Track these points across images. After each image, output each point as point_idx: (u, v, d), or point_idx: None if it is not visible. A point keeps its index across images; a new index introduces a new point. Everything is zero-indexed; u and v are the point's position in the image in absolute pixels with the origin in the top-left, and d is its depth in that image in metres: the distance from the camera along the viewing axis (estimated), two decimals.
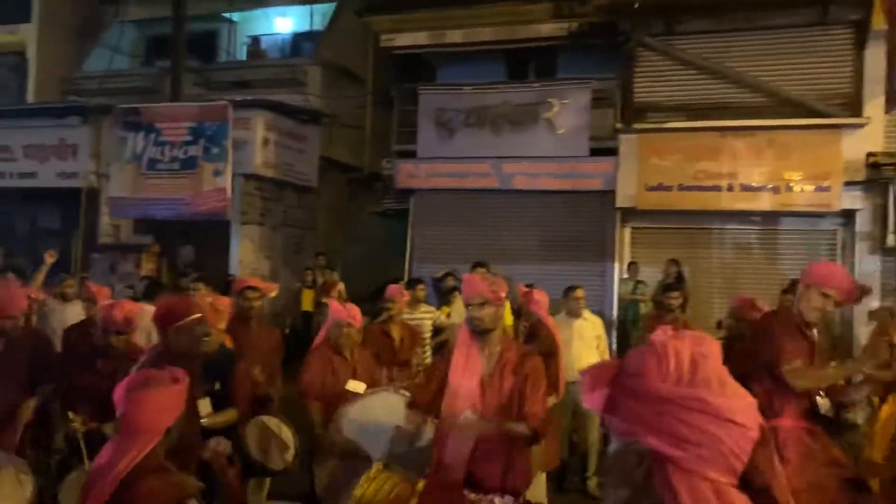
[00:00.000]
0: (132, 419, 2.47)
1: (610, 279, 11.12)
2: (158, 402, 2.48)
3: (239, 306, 5.46)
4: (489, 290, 3.37)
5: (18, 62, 16.58)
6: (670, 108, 11.13)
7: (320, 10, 14.82)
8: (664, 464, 1.19)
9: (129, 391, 2.49)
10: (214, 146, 11.73)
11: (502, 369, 3.35)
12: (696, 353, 1.22)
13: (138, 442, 2.44)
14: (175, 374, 2.57)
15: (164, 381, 2.52)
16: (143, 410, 2.46)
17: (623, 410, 1.21)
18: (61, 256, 13.85)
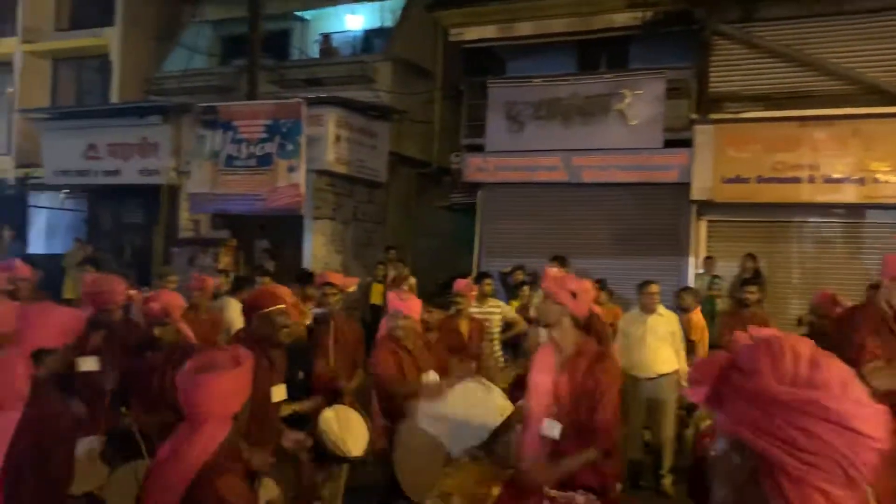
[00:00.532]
0: (196, 406, 2.27)
1: (685, 274, 10.86)
2: (222, 387, 2.28)
3: (318, 301, 5.56)
4: (553, 287, 3.39)
5: (102, 64, 17.33)
6: (748, 98, 10.80)
7: (390, 6, 14.95)
8: (773, 470, 1.11)
9: (189, 376, 2.30)
10: (289, 143, 11.99)
11: (573, 367, 3.32)
12: (817, 352, 1.14)
13: (206, 431, 2.25)
14: (237, 354, 2.39)
15: (225, 363, 2.34)
16: (206, 396, 2.26)
17: (730, 408, 1.14)
18: (143, 250, 14.54)
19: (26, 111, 16.45)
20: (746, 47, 10.80)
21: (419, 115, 14.57)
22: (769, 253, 10.76)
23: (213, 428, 2.27)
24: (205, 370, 2.30)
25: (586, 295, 3.42)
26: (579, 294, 3.36)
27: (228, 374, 2.31)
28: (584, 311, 3.41)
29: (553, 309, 3.37)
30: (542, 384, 3.36)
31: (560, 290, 3.35)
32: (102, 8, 16.81)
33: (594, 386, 3.26)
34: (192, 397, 2.28)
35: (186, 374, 2.31)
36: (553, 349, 3.41)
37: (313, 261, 12.66)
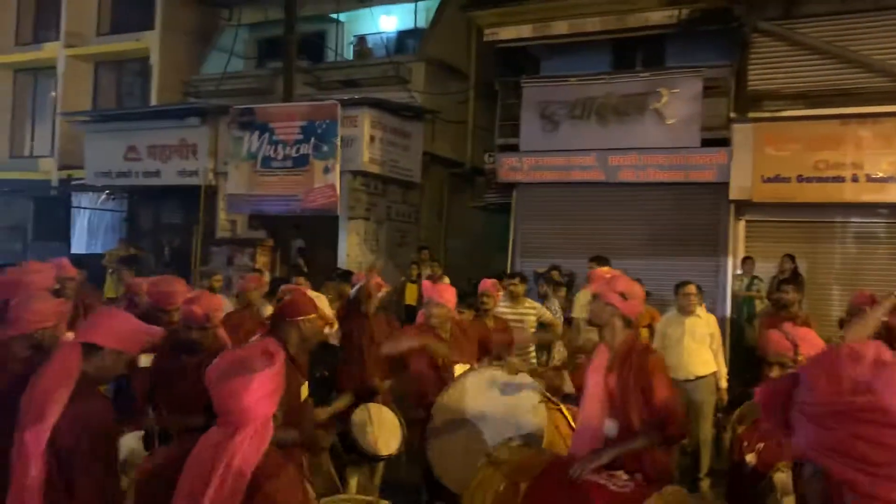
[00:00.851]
0: (232, 411, 2.14)
1: (723, 275, 10.70)
2: (258, 389, 2.16)
3: (353, 298, 5.60)
4: (602, 288, 3.48)
5: (142, 67, 17.68)
6: (788, 96, 10.61)
7: (424, 6, 15.00)
8: (841, 489, 1.03)
9: (222, 379, 2.17)
10: (324, 144, 12.10)
11: (622, 366, 3.41)
12: (882, 354, 1.05)
13: (247, 436, 2.13)
14: (268, 349, 2.26)
15: (258, 362, 2.20)
16: (243, 400, 2.13)
17: (799, 431, 1.07)
18: (182, 250, 14.78)
19: (69, 114, 16.84)
20: (787, 44, 10.62)
21: (453, 116, 14.59)
22: (810, 253, 10.56)
23: (254, 432, 2.15)
24: (238, 372, 2.17)
25: (636, 296, 3.50)
26: (629, 295, 3.44)
27: (263, 374, 2.18)
28: (635, 312, 3.50)
29: (604, 310, 3.46)
30: (595, 384, 3.46)
31: (610, 292, 3.43)
32: (142, 12, 17.16)
33: (643, 377, 3.35)
34: (228, 401, 2.14)
35: (219, 377, 2.19)
36: (605, 349, 3.51)
37: (347, 260, 12.75)
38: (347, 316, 5.80)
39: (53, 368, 2.76)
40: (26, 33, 19.43)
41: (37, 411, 2.66)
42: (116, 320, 2.96)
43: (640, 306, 3.57)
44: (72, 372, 2.75)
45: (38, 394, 2.70)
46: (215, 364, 2.24)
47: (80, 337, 2.85)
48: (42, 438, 2.63)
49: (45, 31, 19.06)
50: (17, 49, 19.23)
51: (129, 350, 2.96)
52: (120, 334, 2.90)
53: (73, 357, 2.77)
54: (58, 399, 2.68)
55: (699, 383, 6.54)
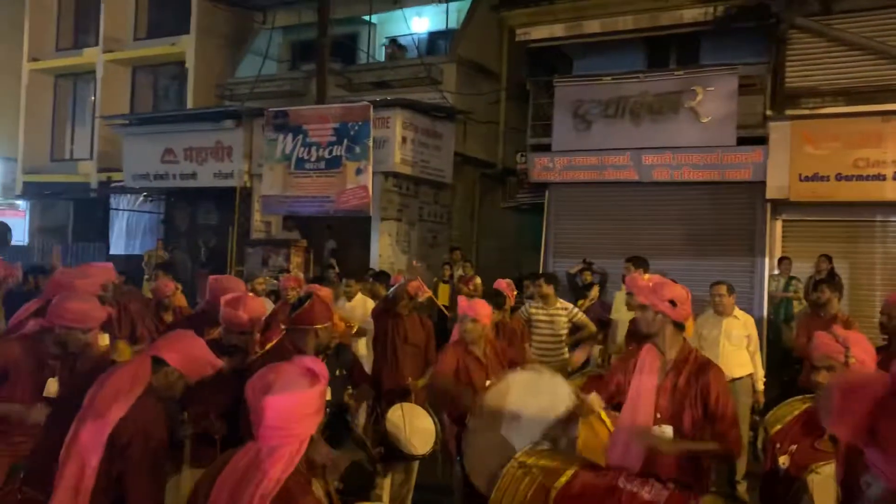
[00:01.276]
0: (271, 428, 2.12)
1: (759, 275, 10.54)
2: (301, 408, 2.14)
3: (394, 299, 5.63)
4: (650, 296, 3.44)
5: (178, 71, 17.97)
6: (827, 93, 10.41)
7: (455, 7, 15.02)
8: None
9: (263, 395, 2.13)
10: (357, 145, 12.17)
11: (677, 374, 3.39)
12: None
13: (284, 456, 2.11)
14: (312, 369, 2.24)
15: (302, 381, 2.18)
16: (283, 418, 2.12)
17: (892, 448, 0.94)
18: (218, 251, 14.99)
19: (107, 118, 17.18)
20: (825, 40, 10.43)
21: (484, 116, 14.59)
22: (850, 254, 10.36)
23: (291, 451, 2.12)
24: (284, 389, 2.14)
25: (685, 300, 3.46)
26: (678, 300, 3.41)
27: (308, 394, 2.16)
28: (685, 316, 3.46)
29: (655, 318, 3.43)
30: (646, 389, 3.41)
31: (658, 300, 3.41)
32: (178, 17, 17.43)
33: (705, 392, 3.32)
34: (269, 418, 2.11)
35: (261, 391, 2.14)
36: (656, 354, 3.46)
37: (380, 261, 12.82)
38: (382, 316, 5.83)
39: (125, 371, 2.87)
40: (66, 39, 19.87)
41: (101, 408, 2.76)
42: (188, 344, 3.03)
43: (689, 309, 3.53)
44: (141, 379, 2.86)
45: (105, 392, 2.80)
46: (257, 377, 2.21)
47: (153, 350, 2.96)
48: (102, 434, 2.73)
49: (84, 36, 19.48)
50: (58, 55, 19.68)
51: (190, 375, 3.00)
52: (187, 358, 2.97)
53: (144, 366, 2.89)
54: (123, 400, 2.78)
55: (735, 385, 6.44)
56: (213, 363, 3.05)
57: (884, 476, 0.97)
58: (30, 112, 19.65)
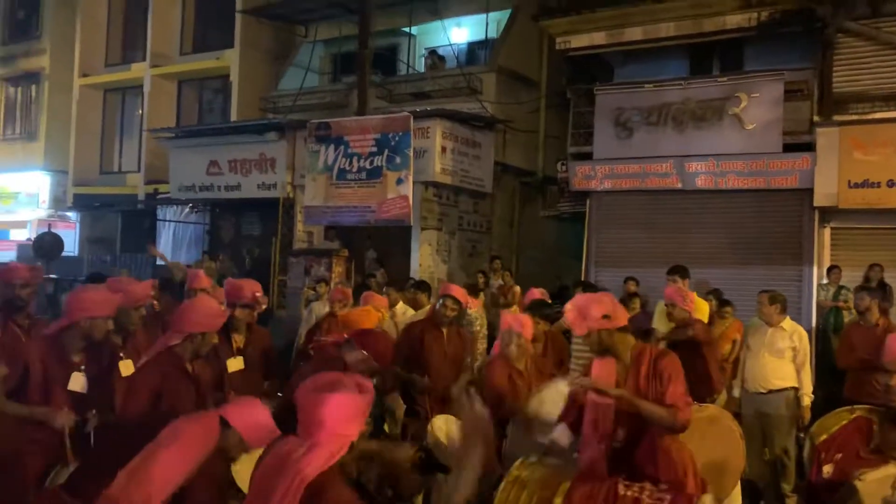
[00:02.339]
0: (317, 423, 2.26)
1: (808, 284, 10.32)
2: (346, 407, 2.29)
3: (436, 310, 5.64)
4: (578, 324, 3.58)
5: (223, 84, 18.34)
6: (877, 98, 10.19)
7: (495, 17, 15.05)
8: None
9: (316, 392, 2.29)
10: (397, 155, 12.27)
11: (636, 374, 3.50)
12: None
13: (324, 451, 2.24)
14: (360, 381, 2.40)
15: (350, 385, 2.33)
16: (329, 415, 2.25)
17: None
18: (261, 261, 15.22)
19: (154, 131, 17.60)
20: (874, 44, 10.22)
21: (523, 125, 14.59)
22: None
23: (331, 450, 2.24)
24: (335, 390, 2.28)
25: (612, 305, 3.60)
26: (609, 312, 3.54)
27: (357, 398, 2.30)
28: (623, 319, 3.60)
29: (600, 337, 3.57)
30: (603, 402, 3.54)
31: (593, 323, 3.55)
32: (222, 32, 17.82)
33: (660, 376, 3.45)
34: (320, 414, 2.24)
35: (315, 391, 2.28)
36: (612, 364, 3.58)
37: (420, 270, 12.88)
38: (423, 327, 5.84)
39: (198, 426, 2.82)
40: (115, 55, 20.43)
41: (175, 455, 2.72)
42: (254, 411, 2.94)
43: (624, 310, 3.66)
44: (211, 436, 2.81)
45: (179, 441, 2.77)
46: (311, 380, 2.36)
47: (221, 411, 2.90)
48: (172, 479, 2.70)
49: (131, 52, 20.01)
50: (107, 70, 20.24)
51: (252, 443, 2.92)
52: (251, 425, 2.89)
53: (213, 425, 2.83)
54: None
55: (774, 396, 6.29)
56: (275, 432, 2.94)
57: None
58: (80, 126, 20.23)
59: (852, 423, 4.82)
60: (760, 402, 6.32)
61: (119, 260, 18.31)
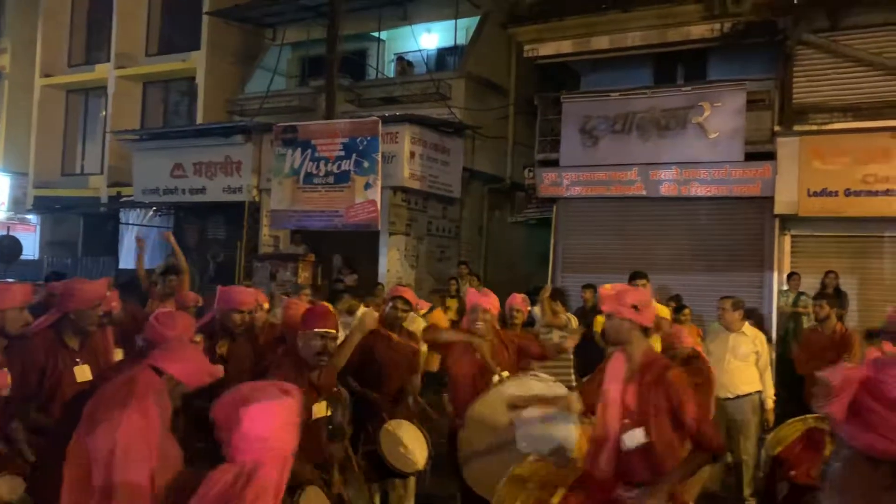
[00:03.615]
0: (249, 442, 2.01)
1: (768, 291, 10.53)
2: (275, 417, 2.06)
3: (387, 313, 5.61)
4: (614, 305, 3.46)
5: (189, 87, 18.13)
6: (835, 109, 10.44)
7: (464, 24, 15.12)
8: None
9: (238, 407, 2.04)
10: (365, 160, 12.23)
11: (642, 377, 3.41)
12: None
13: (265, 477, 1.99)
14: (283, 387, 2.17)
15: (276, 392, 2.10)
16: (262, 431, 2.02)
17: (878, 424, 1.17)
18: (226, 265, 15.05)
19: (118, 133, 17.33)
20: (833, 56, 10.47)
21: (492, 131, 14.66)
22: (858, 269, 10.34)
23: (270, 472, 1.98)
24: (254, 401, 2.04)
25: (648, 304, 3.51)
26: (640, 306, 3.44)
27: (282, 403, 2.07)
28: (650, 320, 3.51)
29: (622, 325, 3.46)
30: (612, 395, 3.47)
31: (622, 307, 3.44)
32: (189, 34, 17.61)
33: (669, 394, 3.33)
34: (239, 431, 1.99)
35: (236, 405, 2.04)
36: (623, 359, 3.51)
37: (388, 276, 12.84)
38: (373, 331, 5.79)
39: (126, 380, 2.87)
40: (78, 55, 20.08)
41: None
42: (186, 354, 3.01)
43: (653, 313, 3.58)
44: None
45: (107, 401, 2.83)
46: (229, 394, 2.14)
47: (151, 360, 2.93)
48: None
49: (96, 52, 19.68)
50: (70, 70, 19.89)
51: (189, 384, 2.94)
52: (186, 367, 2.94)
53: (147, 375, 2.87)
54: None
55: (742, 401, 6.41)
56: (211, 372, 3.04)
57: (857, 443, 1.19)
58: (41, 127, 19.84)
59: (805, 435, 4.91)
60: (729, 408, 6.40)
61: (80, 263, 17.97)
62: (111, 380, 2.92)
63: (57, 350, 3.96)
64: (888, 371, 1.20)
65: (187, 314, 4.57)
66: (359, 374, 5.32)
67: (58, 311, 4.04)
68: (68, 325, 4.03)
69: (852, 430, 1.19)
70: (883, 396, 1.19)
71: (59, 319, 4.03)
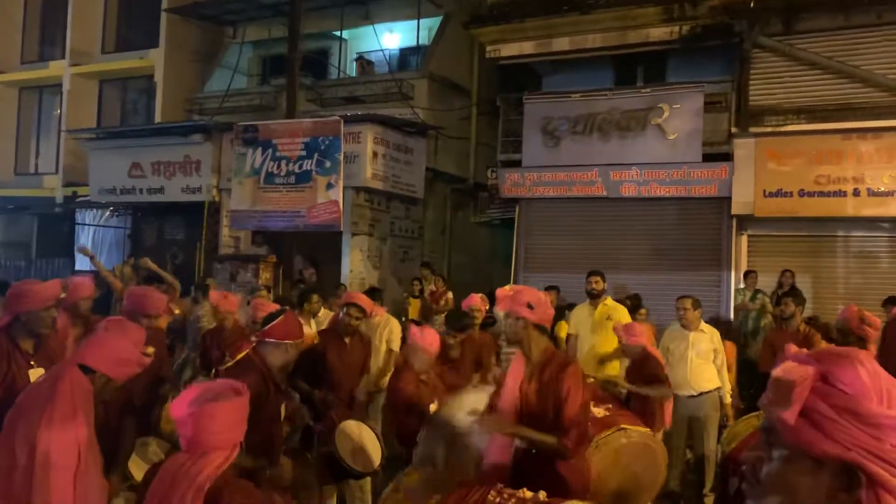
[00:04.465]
0: (201, 435, 2.27)
1: (726, 289, 10.71)
2: (229, 416, 2.30)
3: (340, 319, 5.57)
4: (509, 304, 3.52)
5: (147, 85, 17.79)
6: (789, 111, 10.67)
7: (426, 24, 15.11)
8: (875, 486, 1.13)
9: (193, 405, 2.28)
10: (327, 160, 12.13)
11: (541, 373, 3.47)
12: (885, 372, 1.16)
13: (212, 461, 2.26)
14: (235, 386, 2.41)
15: (227, 393, 2.34)
16: (213, 425, 2.27)
17: (829, 428, 1.14)
18: (186, 266, 14.81)
19: (74, 131, 16.93)
20: (788, 59, 10.70)
21: (455, 132, 14.67)
22: (812, 268, 10.58)
23: (221, 457, 2.27)
24: (208, 400, 2.28)
25: (543, 303, 3.54)
26: (536, 303, 3.48)
27: (234, 402, 2.31)
28: (546, 318, 3.55)
29: (517, 324, 3.50)
30: (510, 391, 3.51)
31: (517, 305, 3.48)
32: (147, 31, 17.29)
33: (559, 388, 3.38)
34: (202, 426, 2.25)
35: (193, 404, 2.27)
36: (523, 359, 3.55)
37: (350, 276, 12.77)
38: (325, 337, 5.76)
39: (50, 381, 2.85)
40: (32, 51, 19.58)
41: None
42: (111, 346, 2.98)
43: (549, 311, 3.60)
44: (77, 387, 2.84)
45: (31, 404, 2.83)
46: (185, 393, 2.35)
47: (77, 357, 2.91)
48: None
49: (50, 48, 19.22)
50: (23, 67, 19.38)
51: (117, 377, 2.99)
52: (111, 361, 2.95)
53: (74, 374, 2.87)
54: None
55: (703, 399, 6.52)
56: (139, 361, 3.03)
57: (799, 442, 1.15)
58: None
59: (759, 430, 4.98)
60: (691, 406, 6.49)
61: (35, 265, 17.53)
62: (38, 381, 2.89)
63: (10, 353, 3.85)
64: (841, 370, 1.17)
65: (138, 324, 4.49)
66: (309, 376, 5.29)
67: (9, 313, 3.93)
68: (20, 328, 3.91)
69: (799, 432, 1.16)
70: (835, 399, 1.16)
71: (10, 322, 3.91)
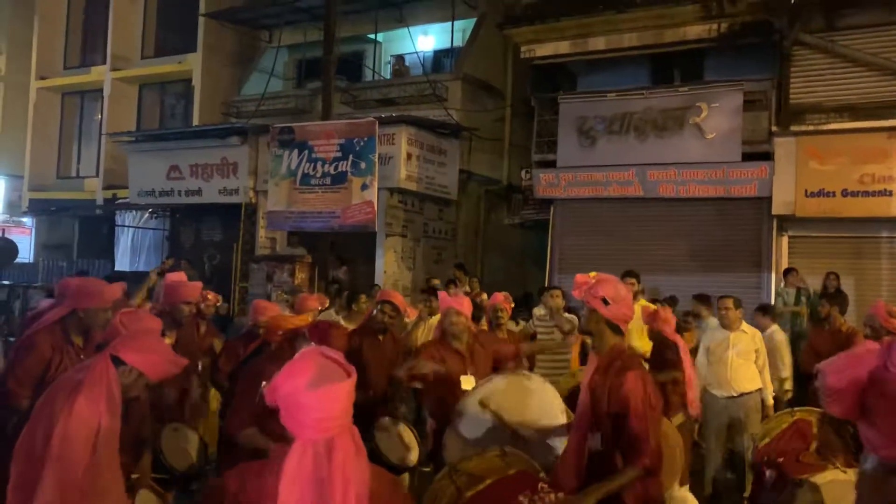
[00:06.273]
0: (326, 420, 1.99)
1: (766, 291, 10.52)
2: (349, 396, 2.05)
3: (373, 316, 5.57)
4: (584, 294, 3.32)
5: (185, 89, 18.09)
6: (832, 109, 10.45)
7: (460, 26, 15.12)
8: None
9: (311, 389, 2.00)
10: (362, 161, 12.21)
11: (604, 375, 3.23)
12: None
13: (344, 447, 1.98)
14: (347, 367, 2.14)
15: (341, 374, 2.09)
16: (338, 407, 2.01)
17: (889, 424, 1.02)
18: (222, 267, 15.00)
19: (114, 135, 17.27)
20: (830, 57, 10.49)
21: (489, 133, 14.64)
22: (856, 270, 10.33)
23: (347, 442, 1.99)
24: (325, 382, 2.03)
25: (622, 299, 3.28)
26: (612, 299, 3.24)
27: (346, 384, 2.06)
28: (622, 316, 3.27)
29: (589, 315, 3.31)
30: (583, 386, 3.34)
31: (591, 297, 3.27)
32: (185, 36, 17.59)
33: (617, 395, 3.12)
34: (321, 410, 1.98)
35: (303, 388, 2.01)
36: (595, 358, 3.36)
37: (385, 277, 12.81)
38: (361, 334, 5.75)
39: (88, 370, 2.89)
40: (74, 57, 20.04)
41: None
42: (147, 344, 3.01)
43: (627, 310, 3.30)
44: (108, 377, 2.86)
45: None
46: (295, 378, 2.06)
47: (111, 349, 2.92)
48: None
49: (91, 55, 19.65)
50: (65, 72, 19.84)
51: (151, 375, 2.98)
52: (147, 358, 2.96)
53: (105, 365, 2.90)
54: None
55: (743, 399, 6.40)
56: (176, 362, 3.03)
57: (874, 450, 1.00)
58: (37, 130, 19.77)
59: (792, 426, 4.89)
60: (731, 407, 6.39)
61: (76, 266, 17.91)
62: None
63: (63, 347, 3.97)
64: None
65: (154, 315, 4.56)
66: None
67: (66, 306, 4.02)
68: (76, 323, 4.02)
69: (866, 434, 1.06)
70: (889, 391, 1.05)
71: (66, 315, 4.01)
